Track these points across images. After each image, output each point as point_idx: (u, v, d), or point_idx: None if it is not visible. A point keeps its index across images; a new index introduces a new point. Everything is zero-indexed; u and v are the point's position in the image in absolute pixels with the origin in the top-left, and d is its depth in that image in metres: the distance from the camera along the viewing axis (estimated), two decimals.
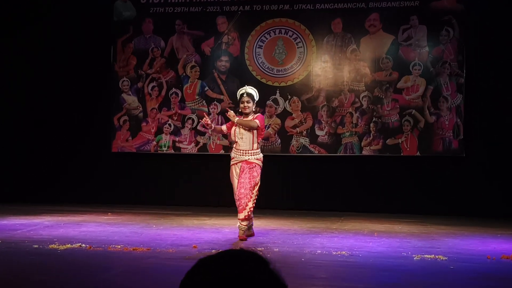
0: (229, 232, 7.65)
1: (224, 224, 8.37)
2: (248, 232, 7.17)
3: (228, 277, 1.22)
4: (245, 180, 6.99)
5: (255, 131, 7.12)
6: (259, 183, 7.07)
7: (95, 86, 11.20)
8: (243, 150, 7.10)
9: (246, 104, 7.17)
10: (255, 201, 7.05)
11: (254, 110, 7.29)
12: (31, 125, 11.32)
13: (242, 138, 7.11)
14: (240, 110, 7.28)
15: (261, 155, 7.21)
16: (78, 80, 11.18)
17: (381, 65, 10.43)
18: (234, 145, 7.22)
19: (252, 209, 7.04)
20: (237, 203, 7.02)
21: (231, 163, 7.18)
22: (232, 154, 7.20)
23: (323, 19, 10.60)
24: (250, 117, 7.16)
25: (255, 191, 7.02)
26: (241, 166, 7.06)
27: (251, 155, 7.09)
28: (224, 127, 7.48)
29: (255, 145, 7.14)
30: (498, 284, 5.01)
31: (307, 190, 10.59)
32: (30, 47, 11.33)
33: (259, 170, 7.11)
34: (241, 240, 7.01)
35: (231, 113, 7.24)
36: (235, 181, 7.10)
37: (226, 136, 10.72)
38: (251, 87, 7.41)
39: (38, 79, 11.32)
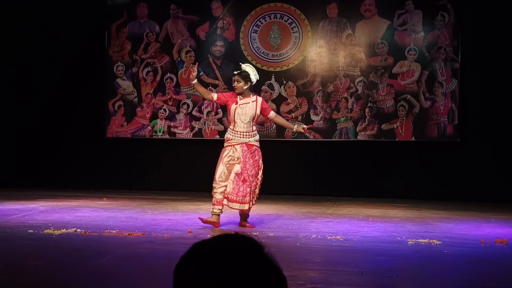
0: (224, 217, 7.65)
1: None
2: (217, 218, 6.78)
3: (222, 262, 1.22)
4: (249, 167, 6.69)
5: (257, 113, 6.83)
6: (262, 166, 6.84)
7: (89, 71, 11.14)
8: (242, 132, 6.77)
9: (235, 83, 6.83)
10: (260, 186, 6.86)
11: (246, 89, 6.81)
12: (26, 111, 11.27)
13: (243, 120, 6.77)
14: None
15: (258, 136, 6.95)
16: (73, 65, 11.12)
17: (377, 50, 10.41)
18: (232, 127, 6.83)
19: (257, 195, 6.86)
20: (237, 188, 6.66)
21: (226, 144, 6.83)
22: (229, 136, 6.84)
23: (318, 3, 10.56)
24: (250, 99, 6.80)
25: (259, 176, 6.80)
26: (241, 149, 6.72)
27: (251, 137, 6.79)
28: (214, 96, 6.90)
29: (254, 127, 6.88)
30: (491, 268, 5.05)
31: (302, 175, 10.61)
32: (23, 32, 11.26)
33: (260, 153, 6.83)
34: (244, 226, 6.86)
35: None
36: (221, 166, 6.72)
37: (219, 116, 10.70)
38: (249, 65, 7.05)
39: (32, 64, 11.25)
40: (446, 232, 6.75)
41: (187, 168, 10.91)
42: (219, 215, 6.82)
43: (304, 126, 7.16)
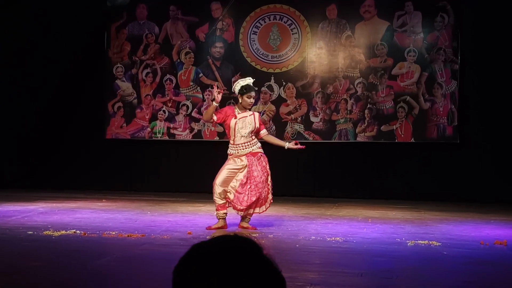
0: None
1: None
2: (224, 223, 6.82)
3: (221, 263, 1.22)
4: (258, 174, 6.64)
5: (257, 126, 6.76)
6: (269, 172, 6.77)
7: (89, 73, 11.15)
8: (242, 144, 6.71)
9: (252, 100, 6.71)
10: (272, 191, 6.81)
11: None
12: (25, 112, 11.27)
13: (243, 133, 6.69)
14: (240, 103, 6.74)
15: (259, 143, 6.88)
16: (72, 67, 11.12)
17: (376, 51, 10.42)
18: (232, 142, 6.74)
19: (271, 200, 6.81)
20: (240, 197, 6.61)
21: (230, 157, 6.76)
22: (231, 151, 6.75)
23: (317, 5, 10.57)
24: (246, 113, 6.74)
25: (269, 182, 6.74)
26: (247, 159, 6.66)
27: (253, 145, 6.74)
28: (214, 117, 6.76)
29: (253, 136, 6.82)
30: (491, 269, 5.05)
31: (301, 177, 10.61)
32: (23, 33, 11.26)
33: (266, 158, 6.77)
34: (245, 228, 6.84)
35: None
36: (223, 172, 6.68)
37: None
38: (251, 79, 6.94)
39: (32, 65, 11.25)
40: (445, 233, 6.75)
41: (187, 170, 10.91)
42: (224, 218, 6.84)
43: (299, 146, 6.87)
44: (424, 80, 10.26)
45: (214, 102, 6.71)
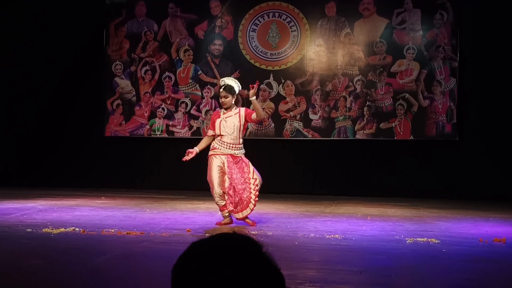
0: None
1: (217, 208, 8.36)
2: (229, 220, 6.92)
3: (220, 261, 1.22)
4: (237, 176, 6.73)
5: (242, 124, 6.83)
6: (253, 169, 6.79)
7: (88, 70, 11.14)
8: (229, 143, 6.80)
9: (223, 99, 6.81)
10: (256, 188, 6.78)
11: (234, 102, 6.86)
12: (24, 109, 11.26)
13: (229, 132, 6.79)
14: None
15: (244, 150, 6.93)
16: (71, 64, 11.11)
17: (375, 49, 10.41)
18: (219, 138, 6.85)
19: (257, 199, 6.80)
20: (231, 199, 6.72)
21: (211, 153, 6.87)
22: (216, 145, 6.86)
23: (317, 2, 10.57)
24: (233, 111, 6.84)
25: (252, 180, 6.76)
26: (227, 161, 6.75)
27: (236, 149, 6.82)
28: (210, 132, 6.99)
29: (241, 140, 6.88)
30: (490, 266, 5.05)
31: (300, 174, 10.61)
32: (22, 31, 11.25)
33: (246, 159, 6.82)
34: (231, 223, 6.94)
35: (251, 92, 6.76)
36: (215, 173, 6.78)
37: None
38: (231, 78, 7.11)
39: (31, 63, 11.24)
40: (444, 230, 6.75)
41: (186, 167, 10.87)
42: (229, 216, 6.94)
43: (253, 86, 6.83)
44: (423, 78, 10.26)
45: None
